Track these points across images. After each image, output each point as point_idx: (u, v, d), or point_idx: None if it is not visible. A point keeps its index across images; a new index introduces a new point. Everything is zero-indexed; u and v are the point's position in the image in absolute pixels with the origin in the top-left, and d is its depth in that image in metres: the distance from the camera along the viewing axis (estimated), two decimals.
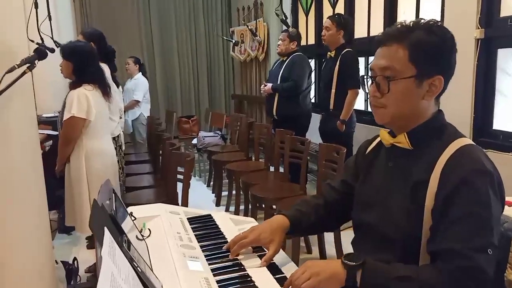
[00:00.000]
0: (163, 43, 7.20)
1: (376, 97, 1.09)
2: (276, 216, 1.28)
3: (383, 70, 1.06)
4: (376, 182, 1.17)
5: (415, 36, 1.04)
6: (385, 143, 1.15)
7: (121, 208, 1.15)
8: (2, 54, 1.89)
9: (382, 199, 1.12)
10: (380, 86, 1.07)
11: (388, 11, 3.75)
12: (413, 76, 1.04)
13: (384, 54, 1.07)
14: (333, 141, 3.28)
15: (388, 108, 1.08)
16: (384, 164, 1.16)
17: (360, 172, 1.24)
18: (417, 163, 1.06)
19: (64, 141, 2.49)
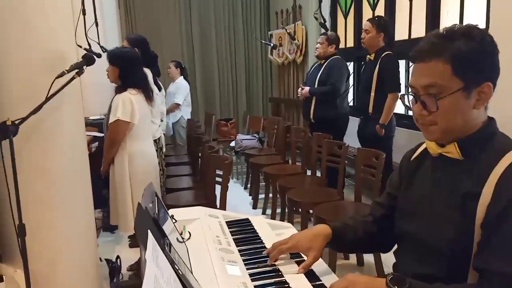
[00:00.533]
0: (202, 47, 7.34)
1: (423, 116, 1.03)
2: (319, 225, 1.26)
3: (426, 88, 1.01)
4: (420, 191, 1.12)
5: (454, 47, 0.98)
6: (432, 152, 1.09)
7: (163, 211, 1.20)
8: (53, 60, 2.00)
9: (427, 209, 1.07)
10: (426, 105, 1.01)
11: (430, 12, 3.65)
12: (460, 89, 0.98)
13: (424, 71, 1.01)
14: (372, 145, 3.23)
15: (438, 124, 1.02)
16: (430, 173, 1.11)
17: (403, 181, 1.20)
18: (468, 174, 1.01)
19: (109, 143, 2.60)
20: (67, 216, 2.13)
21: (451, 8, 3.49)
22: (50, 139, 2.02)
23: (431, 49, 1.00)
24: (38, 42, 1.96)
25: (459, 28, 1.01)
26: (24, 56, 1.94)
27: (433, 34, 1.03)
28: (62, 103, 2.03)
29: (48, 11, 1.98)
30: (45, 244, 2.08)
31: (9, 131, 1.66)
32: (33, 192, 2.01)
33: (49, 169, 2.04)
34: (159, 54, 6.80)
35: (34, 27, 1.94)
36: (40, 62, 1.97)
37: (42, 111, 1.86)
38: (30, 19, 1.92)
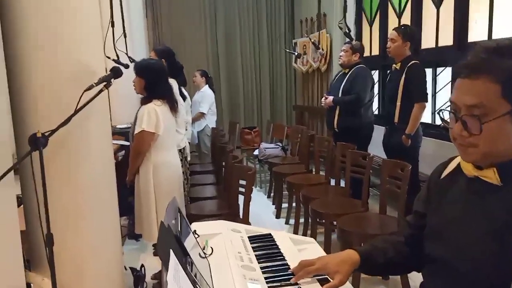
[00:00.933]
0: (227, 56, 7.41)
1: (463, 137, 0.95)
2: (346, 250, 1.21)
3: (470, 108, 0.92)
4: (452, 213, 1.04)
5: (507, 66, 0.89)
6: (467, 174, 1.01)
7: (185, 226, 1.21)
8: (82, 73, 2.05)
9: (459, 233, 1.01)
10: (467, 126, 0.93)
11: (458, 21, 3.58)
12: (508, 113, 0.90)
13: (470, 89, 0.92)
14: (398, 156, 3.18)
15: (478, 147, 0.94)
16: (464, 194, 1.03)
17: (433, 199, 1.13)
18: (507, 202, 0.93)
19: (134, 154, 2.65)
20: (94, 225, 2.18)
21: (480, 16, 3.41)
22: (78, 150, 2.07)
23: (479, 65, 0.91)
24: (68, 55, 2.01)
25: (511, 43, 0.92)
26: (54, 70, 1.99)
27: (483, 47, 0.93)
28: (90, 115, 2.08)
29: (77, 24, 2.03)
30: (72, 253, 2.12)
31: (39, 142, 1.70)
32: (61, 201, 2.06)
33: (77, 179, 2.09)
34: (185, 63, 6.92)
35: (64, 40, 1.99)
36: (70, 75, 2.02)
37: (70, 123, 1.91)
38: (60, 32, 1.98)
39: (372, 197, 4.36)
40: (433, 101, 4.05)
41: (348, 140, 3.63)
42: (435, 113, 4.12)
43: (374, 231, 2.65)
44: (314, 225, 3.31)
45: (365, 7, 5.43)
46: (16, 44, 1.95)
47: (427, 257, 1.11)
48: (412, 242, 1.19)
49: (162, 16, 7.07)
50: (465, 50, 3.53)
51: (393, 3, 4.73)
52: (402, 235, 1.24)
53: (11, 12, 1.93)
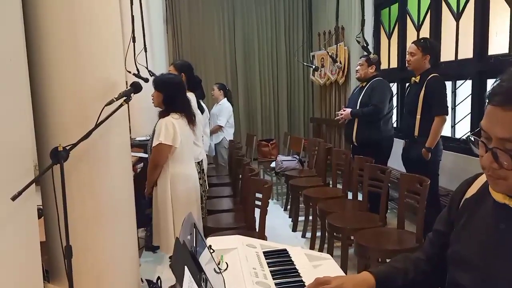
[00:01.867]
0: (245, 69, 7.49)
1: (493, 168, 0.88)
2: (363, 273, 1.17)
3: (502, 141, 0.85)
4: (480, 239, 0.98)
5: None
6: (496, 199, 0.95)
7: (201, 242, 1.21)
8: (103, 88, 2.10)
9: (488, 263, 0.94)
10: (498, 159, 0.86)
11: (478, 33, 3.54)
12: None
13: (503, 120, 0.84)
14: (418, 169, 3.13)
15: (509, 181, 0.88)
16: (492, 220, 0.97)
17: (457, 220, 1.07)
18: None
19: (152, 166, 2.68)
20: (112, 237, 2.21)
21: (500, 28, 3.36)
22: (98, 163, 2.12)
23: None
24: (89, 70, 2.07)
25: None
26: (76, 84, 2.05)
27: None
28: (110, 128, 2.13)
29: (100, 39, 2.09)
30: (91, 264, 2.15)
31: (60, 156, 1.74)
32: (82, 214, 2.10)
33: (97, 192, 2.13)
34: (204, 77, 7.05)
35: (86, 55, 2.05)
36: (91, 89, 2.07)
37: (91, 137, 1.95)
38: (83, 47, 2.04)
39: (391, 211, 4.31)
40: (453, 114, 3.99)
41: (367, 154, 3.59)
42: (454, 126, 4.06)
43: (392, 247, 2.61)
44: (331, 240, 3.28)
45: (383, 20, 5.42)
46: (40, 58, 2.02)
47: (451, 282, 1.07)
48: (432, 261, 1.16)
49: (182, 31, 7.21)
50: (485, 63, 3.49)
51: (411, 15, 4.71)
52: (424, 253, 1.20)
53: (36, 27, 2.00)
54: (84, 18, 2.03)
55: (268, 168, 5.58)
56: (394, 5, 5.04)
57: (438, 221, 1.18)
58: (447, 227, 1.11)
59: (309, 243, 3.82)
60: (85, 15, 2.03)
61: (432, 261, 1.16)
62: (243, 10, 7.34)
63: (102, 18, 2.10)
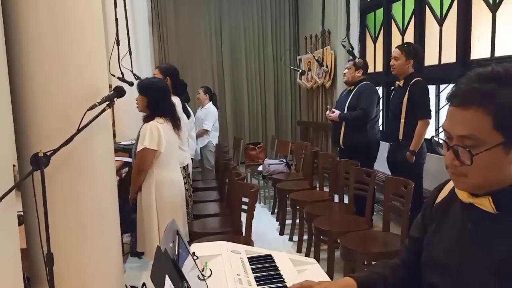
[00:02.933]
0: (232, 72, 7.49)
1: (455, 165, 0.92)
2: (344, 278, 1.18)
3: (461, 138, 0.90)
4: (450, 242, 1.01)
5: (499, 98, 0.85)
6: (462, 199, 0.98)
7: (184, 249, 1.20)
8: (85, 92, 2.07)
9: (458, 264, 0.97)
10: (459, 156, 0.90)
11: (461, 38, 3.59)
12: (499, 144, 0.87)
13: (461, 119, 0.89)
14: (403, 173, 3.17)
15: (470, 178, 0.91)
16: (460, 222, 0.99)
17: (428, 225, 1.09)
18: (505, 234, 0.90)
19: (136, 171, 2.65)
20: (96, 244, 2.17)
21: (482, 34, 3.42)
22: (80, 169, 2.08)
23: (471, 95, 0.88)
24: (71, 74, 2.03)
25: (509, 72, 0.88)
26: (57, 88, 2.01)
27: (476, 75, 0.90)
28: (93, 134, 2.10)
29: (82, 43, 2.05)
30: (74, 272, 2.11)
31: (40, 162, 1.71)
32: (64, 220, 2.06)
33: (79, 198, 2.10)
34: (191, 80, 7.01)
35: (68, 59, 2.01)
36: (73, 94, 2.04)
37: (73, 142, 1.92)
38: (65, 51, 2.00)
39: (377, 213, 4.33)
40: (437, 117, 4.04)
41: (354, 157, 3.62)
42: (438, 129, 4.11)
43: (377, 249, 2.63)
44: (318, 243, 3.28)
45: (369, 24, 5.46)
46: (20, 61, 1.98)
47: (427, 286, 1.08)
48: (409, 266, 1.17)
49: (168, 34, 7.18)
50: (467, 68, 3.54)
51: (396, 20, 4.76)
52: (400, 259, 1.22)
53: (17, 30, 1.96)
54: (66, 22, 2.00)
55: (255, 172, 5.57)
56: (380, 9, 5.09)
57: (413, 227, 1.20)
58: (421, 233, 1.13)
59: (296, 247, 3.82)
60: (68, 19, 2.00)
61: (409, 267, 1.18)
62: (230, 14, 7.34)
63: (85, 21, 2.07)
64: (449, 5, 3.79)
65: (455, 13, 3.68)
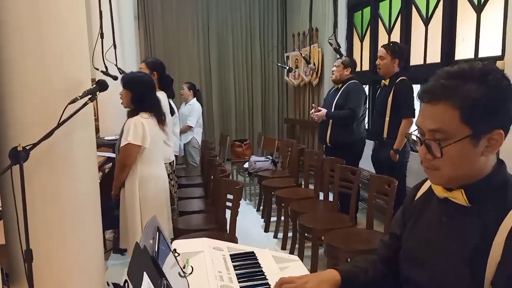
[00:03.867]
0: (220, 68, 7.45)
1: (428, 159, 0.97)
2: (327, 270, 1.19)
3: (432, 132, 0.95)
4: (426, 236, 1.05)
5: (464, 92, 0.90)
6: (438, 194, 1.02)
7: (165, 245, 1.18)
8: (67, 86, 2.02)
9: (434, 257, 1.01)
10: (431, 149, 0.95)
11: (446, 39, 3.63)
12: (467, 137, 0.92)
13: (431, 114, 0.95)
14: (386, 171, 3.19)
15: (442, 171, 0.96)
16: (436, 216, 1.04)
17: (408, 221, 1.13)
18: (476, 224, 0.94)
19: (119, 167, 2.61)
20: (76, 241, 2.14)
21: (467, 35, 3.46)
22: (61, 164, 2.04)
23: (439, 91, 0.93)
24: (52, 67, 1.99)
25: (473, 69, 0.93)
26: (38, 81, 1.96)
27: (444, 73, 0.95)
28: (75, 128, 2.06)
29: (64, 36, 2.00)
30: (54, 268, 2.08)
31: (19, 156, 1.67)
32: (44, 216, 2.02)
33: (59, 194, 2.06)
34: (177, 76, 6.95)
35: (49, 52, 1.97)
36: (54, 87, 1.99)
37: (54, 136, 1.89)
38: (46, 44, 1.96)
39: (361, 211, 4.36)
40: None
41: (340, 155, 3.64)
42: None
43: (361, 247, 2.64)
44: (302, 240, 3.29)
45: (356, 23, 5.48)
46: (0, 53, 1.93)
47: (404, 280, 1.11)
48: (387, 262, 1.20)
49: (154, 28, 7.10)
50: None
51: (383, 19, 4.78)
52: (379, 256, 1.24)
53: None
54: (47, 13, 1.95)
55: (241, 169, 5.55)
56: (367, 8, 5.11)
57: (393, 224, 1.23)
58: (401, 230, 1.17)
59: (281, 244, 3.83)
60: (48, 10, 1.95)
61: (387, 262, 1.20)
62: (217, 9, 7.29)
63: (66, 12, 2.02)
64: (435, 5, 3.82)
65: (440, 13, 3.71)
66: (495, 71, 0.93)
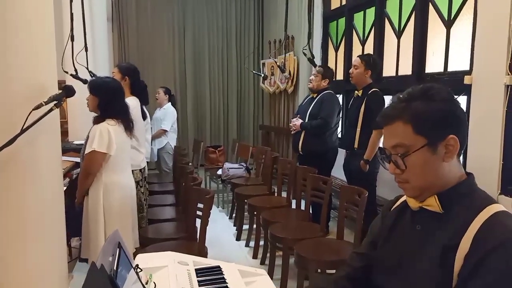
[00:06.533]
0: (195, 74, 7.40)
1: (398, 174, 1.09)
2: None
3: (394, 148, 1.07)
4: (400, 246, 1.13)
5: (411, 108, 1.05)
6: (412, 206, 1.12)
7: (125, 262, 1.14)
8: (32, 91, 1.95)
9: (408, 265, 1.08)
10: (397, 164, 1.07)
11: (417, 52, 3.70)
12: (424, 146, 1.04)
13: (390, 133, 1.08)
14: (357, 180, 3.23)
15: (412, 182, 1.07)
16: (409, 227, 1.13)
17: (384, 233, 1.20)
18: (448, 227, 1.03)
19: (84, 174, 2.54)
20: (38, 250, 2.06)
21: (437, 49, 3.54)
22: (24, 171, 1.96)
23: (392, 112, 1.08)
24: (16, 71, 1.90)
25: (416, 90, 1.08)
26: (1, 87, 1.89)
27: (394, 99, 1.11)
28: (39, 134, 1.98)
29: (29, 38, 1.93)
30: (14, 278, 2.00)
31: None
32: (4, 225, 1.94)
33: (22, 202, 1.97)
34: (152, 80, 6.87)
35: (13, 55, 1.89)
36: (18, 93, 1.92)
37: (17, 143, 1.82)
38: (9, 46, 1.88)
39: (333, 219, 4.38)
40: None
41: (312, 163, 3.66)
42: None
43: (330, 257, 2.64)
44: (273, 250, 3.28)
45: (331, 33, 5.55)
46: None
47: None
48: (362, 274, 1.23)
49: (129, 31, 6.99)
50: (422, 81, 3.65)
51: (357, 30, 4.85)
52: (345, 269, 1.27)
53: None
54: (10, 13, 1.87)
55: (215, 175, 5.51)
56: (342, 18, 5.18)
57: (370, 232, 1.29)
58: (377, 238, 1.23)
59: (252, 252, 3.81)
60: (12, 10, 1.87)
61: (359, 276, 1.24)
62: (193, 13, 7.25)
63: (32, 13, 1.94)
64: (407, 18, 3.90)
65: (412, 27, 3.79)
66: (434, 87, 1.07)
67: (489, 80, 2.63)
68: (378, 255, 1.19)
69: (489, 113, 2.62)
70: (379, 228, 1.24)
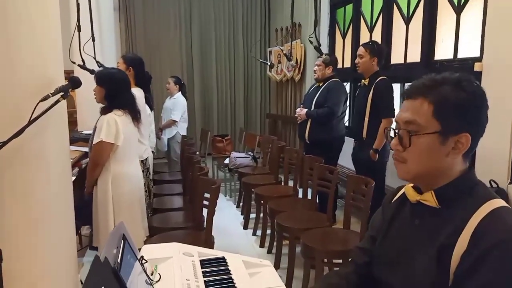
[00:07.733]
0: (202, 63, 7.37)
1: (398, 151, 1.05)
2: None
3: (406, 123, 1.03)
4: (399, 240, 1.11)
5: (441, 91, 1.00)
6: (410, 199, 1.10)
7: (130, 254, 1.16)
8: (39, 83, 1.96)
9: (406, 259, 1.07)
10: (402, 140, 1.04)
11: (426, 39, 3.65)
12: (436, 132, 1.00)
13: (409, 107, 1.04)
14: (366, 170, 3.21)
15: (408, 163, 1.04)
16: (408, 221, 1.11)
17: (384, 226, 1.19)
18: (445, 224, 1.00)
19: (92, 165, 2.56)
20: (48, 241, 2.08)
21: (446, 36, 3.48)
22: (32, 163, 1.98)
23: (420, 88, 1.04)
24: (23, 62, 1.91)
25: (452, 76, 1.03)
26: (7, 78, 1.90)
27: (427, 76, 1.06)
28: (47, 126, 1.99)
29: (35, 29, 1.94)
30: (25, 267, 2.03)
31: None
32: (14, 215, 1.96)
33: (30, 193, 2.00)
34: (159, 70, 6.87)
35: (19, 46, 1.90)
36: (26, 85, 1.93)
37: (25, 134, 1.83)
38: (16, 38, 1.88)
39: (340, 208, 4.38)
40: None
41: (319, 152, 3.64)
42: None
43: (336, 247, 2.65)
44: (280, 239, 3.29)
45: (339, 20, 5.48)
46: None
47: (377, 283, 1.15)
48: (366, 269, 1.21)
49: (136, 21, 6.97)
50: (430, 68, 3.60)
51: (365, 17, 4.79)
52: (352, 264, 1.26)
53: None
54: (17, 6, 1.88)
55: (222, 164, 5.53)
56: (349, 5, 5.11)
57: (371, 226, 1.27)
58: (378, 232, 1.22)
59: (259, 241, 3.83)
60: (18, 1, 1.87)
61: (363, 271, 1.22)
62: (200, 2, 7.20)
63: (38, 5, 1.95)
64: (415, 4, 3.83)
65: (421, 13, 3.73)
66: (471, 80, 1.02)
67: (500, 67, 2.58)
68: (377, 249, 1.18)
69: (499, 101, 2.58)
70: (379, 222, 1.23)
